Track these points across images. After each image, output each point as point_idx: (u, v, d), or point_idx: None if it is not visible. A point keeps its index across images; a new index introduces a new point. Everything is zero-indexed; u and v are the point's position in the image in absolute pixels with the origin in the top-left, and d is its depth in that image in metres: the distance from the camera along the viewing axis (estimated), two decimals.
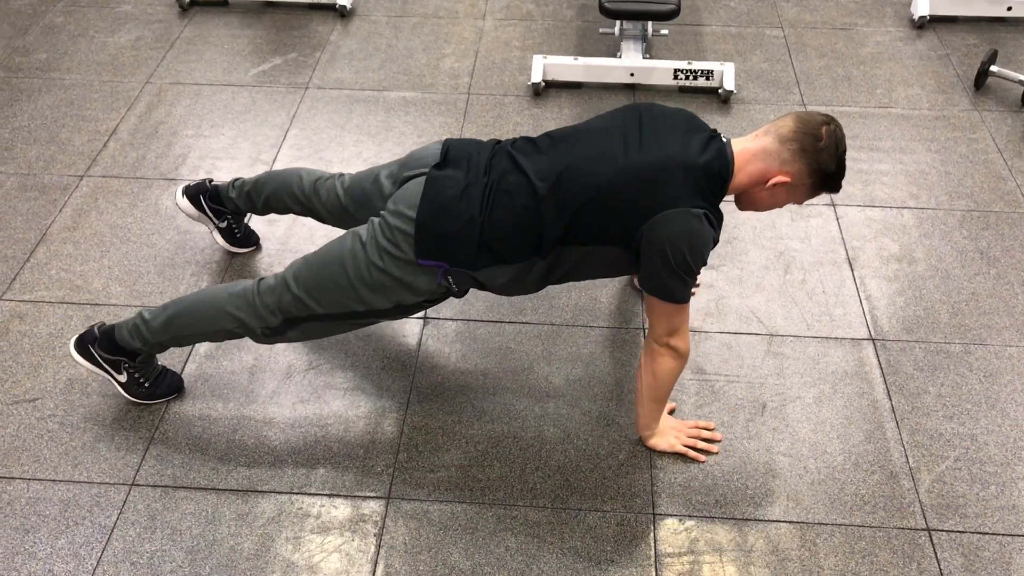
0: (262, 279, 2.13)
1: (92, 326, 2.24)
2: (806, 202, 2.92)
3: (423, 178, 2.02)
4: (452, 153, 2.07)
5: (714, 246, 1.96)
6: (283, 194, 2.45)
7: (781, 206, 2.06)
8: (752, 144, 1.97)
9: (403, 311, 2.10)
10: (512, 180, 1.98)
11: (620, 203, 1.91)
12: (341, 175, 2.36)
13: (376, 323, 2.16)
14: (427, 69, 3.62)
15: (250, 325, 2.11)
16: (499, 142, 2.12)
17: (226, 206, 2.61)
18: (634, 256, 1.96)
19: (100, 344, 2.21)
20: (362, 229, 2.05)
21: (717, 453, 2.21)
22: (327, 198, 2.34)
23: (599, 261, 2.02)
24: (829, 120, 1.93)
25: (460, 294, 2.08)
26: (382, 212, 2.04)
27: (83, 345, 2.21)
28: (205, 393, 2.35)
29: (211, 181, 2.62)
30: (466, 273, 1.99)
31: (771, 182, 1.95)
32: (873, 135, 3.26)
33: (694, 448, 2.20)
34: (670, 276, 1.91)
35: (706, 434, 2.23)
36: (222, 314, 2.12)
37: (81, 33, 3.82)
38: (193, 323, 2.15)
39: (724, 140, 1.99)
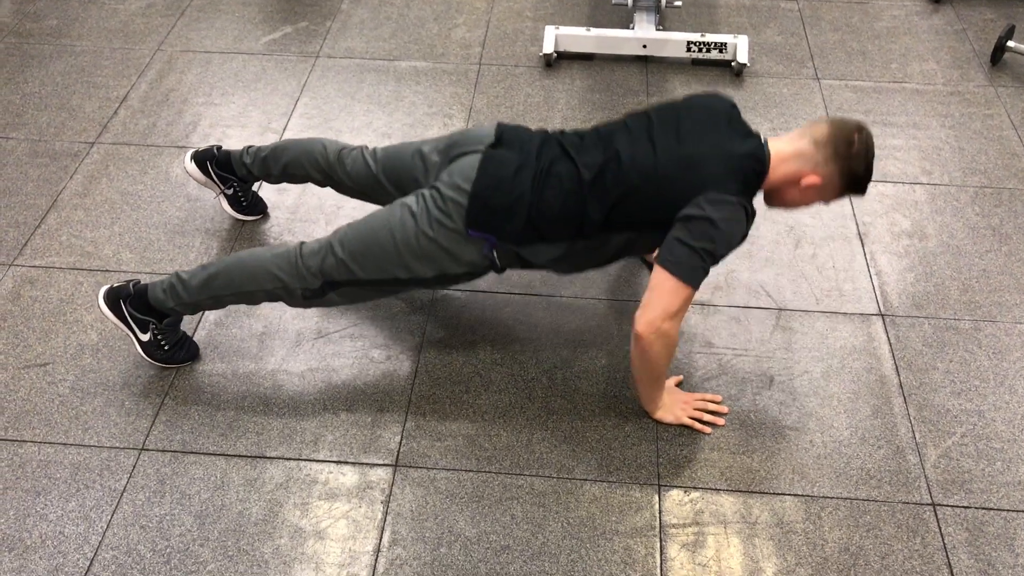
0: (304, 243, 2.17)
1: (127, 282, 2.25)
2: None
3: (478, 155, 2.11)
4: (506, 136, 2.17)
5: (742, 242, 2.05)
6: (304, 161, 2.46)
7: (809, 206, 2.16)
8: (788, 146, 2.08)
9: (444, 281, 2.16)
10: (561, 166, 2.08)
11: (659, 193, 2.01)
12: (365, 147, 2.41)
13: (414, 291, 2.19)
14: (438, 39, 3.60)
15: (291, 286, 2.15)
16: (547, 132, 2.21)
17: (235, 173, 2.61)
18: None
19: (132, 302, 2.22)
20: (411, 200, 2.12)
21: (723, 425, 2.21)
22: (353, 168, 2.37)
23: (642, 246, 2.13)
24: (862, 128, 2.04)
25: (500, 270, 2.17)
26: (436, 184, 2.12)
27: (114, 299, 2.22)
28: (215, 359, 2.36)
29: (220, 148, 2.62)
30: (511, 249, 2.09)
31: (804, 183, 2.06)
32: (887, 110, 3.23)
33: (700, 420, 2.21)
34: (691, 252, 1.96)
35: (712, 407, 2.23)
36: (264, 273, 2.15)
37: None
38: (233, 282, 2.17)
39: (763, 139, 2.09)
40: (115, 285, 2.24)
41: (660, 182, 2.01)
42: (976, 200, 2.86)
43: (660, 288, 1.98)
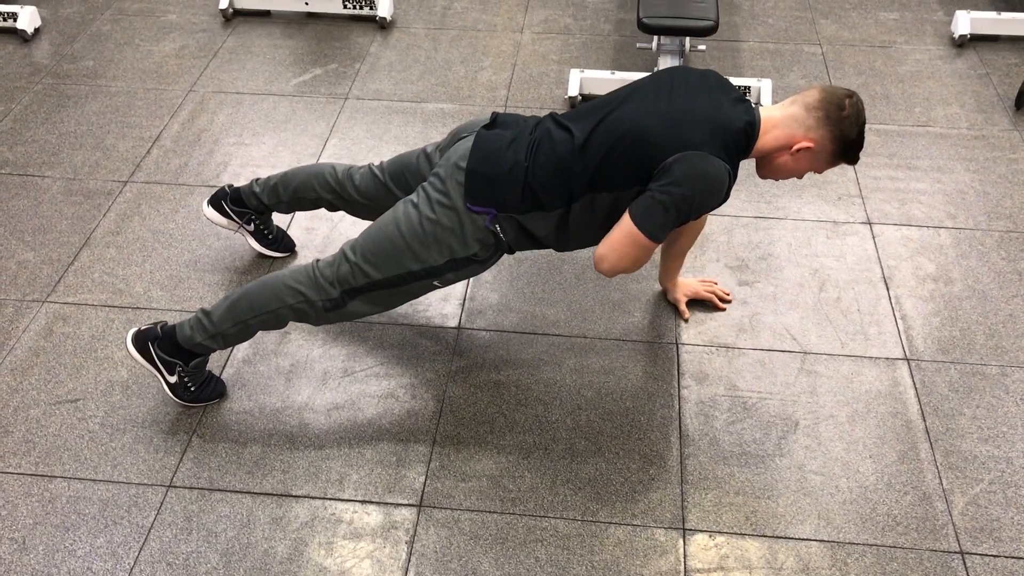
0: (318, 258, 2.23)
1: (155, 324, 2.28)
2: (842, 219, 2.93)
3: (473, 136, 2.18)
4: (500, 118, 2.24)
5: (721, 203, 2.07)
6: (314, 183, 2.51)
7: (801, 175, 2.17)
8: (778, 111, 2.10)
9: (457, 266, 2.17)
10: (555, 134, 2.12)
11: (645, 145, 2.01)
12: (372, 163, 2.48)
13: (433, 288, 2.24)
14: (465, 81, 3.65)
15: (312, 298, 2.18)
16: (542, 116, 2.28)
17: (247, 205, 2.65)
18: None
19: (160, 344, 2.25)
20: (412, 195, 2.19)
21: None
22: (361, 182, 2.44)
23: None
24: (851, 94, 2.06)
25: (510, 248, 2.20)
26: (434, 171, 2.19)
27: (143, 341, 2.26)
28: (242, 397, 2.39)
29: (231, 186, 2.67)
30: (513, 218, 2.11)
31: (795, 147, 2.07)
32: (911, 154, 3.24)
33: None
34: (659, 207, 1.99)
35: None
36: (284, 289, 2.19)
37: (127, 41, 3.90)
38: (255, 303, 2.20)
39: (753, 105, 2.12)
40: (143, 328, 2.28)
41: (642, 139, 2.01)
42: (1002, 244, 2.85)
43: (621, 235, 2.03)
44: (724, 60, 3.76)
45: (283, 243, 2.81)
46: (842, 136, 2.05)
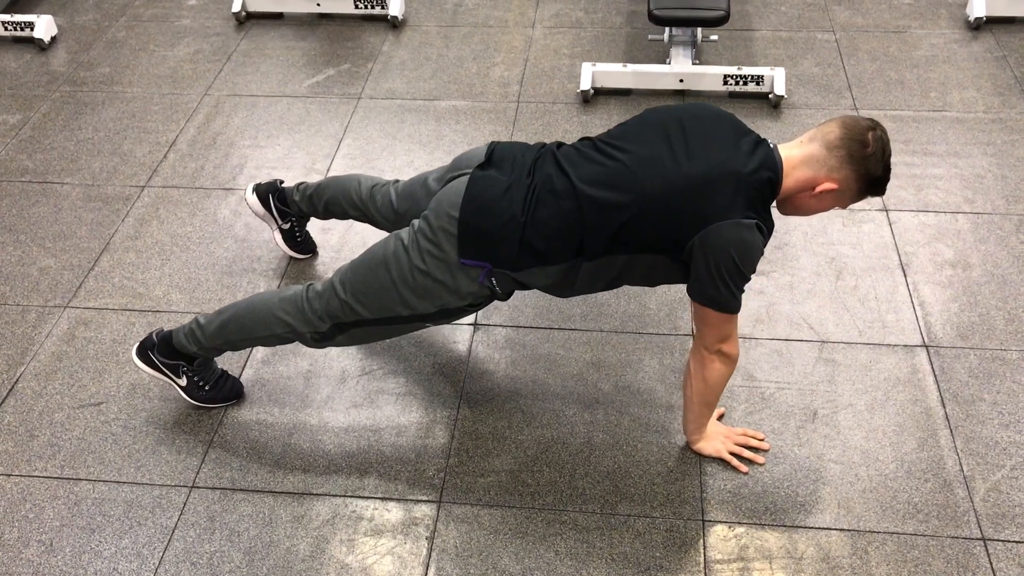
0: (311, 285, 2.17)
1: (151, 332, 2.31)
2: (857, 206, 2.91)
3: (465, 178, 2.03)
4: (497, 154, 2.08)
5: (761, 255, 1.95)
6: (342, 199, 2.51)
7: (826, 211, 2.06)
8: (799, 151, 1.96)
9: (448, 315, 2.10)
10: (557, 183, 1.97)
11: (668, 214, 1.90)
12: (396, 181, 2.42)
13: (424, 327, 2.20)
14: (477, 78, 3.66)
15: (300, 330, 2.16)
16: (544, 145, 2.12)
17: (291, 209, 2.68)
18: (683, 267, 1.95)
19: (159, 349, 2.28)
20: (404, 232, 2.07)
21: (763, 464, 2.20)
22: (382, 204, 2.40)
23: (647, 268, 2.01)
24: (875, 125, 1.92)
25: (504, 297, 2.10)
26: (424, 213, 2.05)
27: (144, 351, 2.29)
28: (262, 398, 2.41)
29: (282, 182, 2.69)
30: (508, 275, 2.00)
31: (819, 189, 1.94)
32: (927, 139, 3.22)
33: (739, 457, 2.20)
34: (722, 286, 1.90)
35: (754, 443, 2.22)
36: (273, 319, 2.17)
37: (142, 47, 3.93)
38: (244, 327, 2.20)
39: (771, 146, 1.99)
40: (142, 340, 2.32)
41: (662, 211, 1.90)
42: (1020, 228, 2.83)
43: (705, 320, 1.98)
44: (736, 50, 3.75)
45: (307, 245, 2.83)
46: (867, 174, 1.92)
